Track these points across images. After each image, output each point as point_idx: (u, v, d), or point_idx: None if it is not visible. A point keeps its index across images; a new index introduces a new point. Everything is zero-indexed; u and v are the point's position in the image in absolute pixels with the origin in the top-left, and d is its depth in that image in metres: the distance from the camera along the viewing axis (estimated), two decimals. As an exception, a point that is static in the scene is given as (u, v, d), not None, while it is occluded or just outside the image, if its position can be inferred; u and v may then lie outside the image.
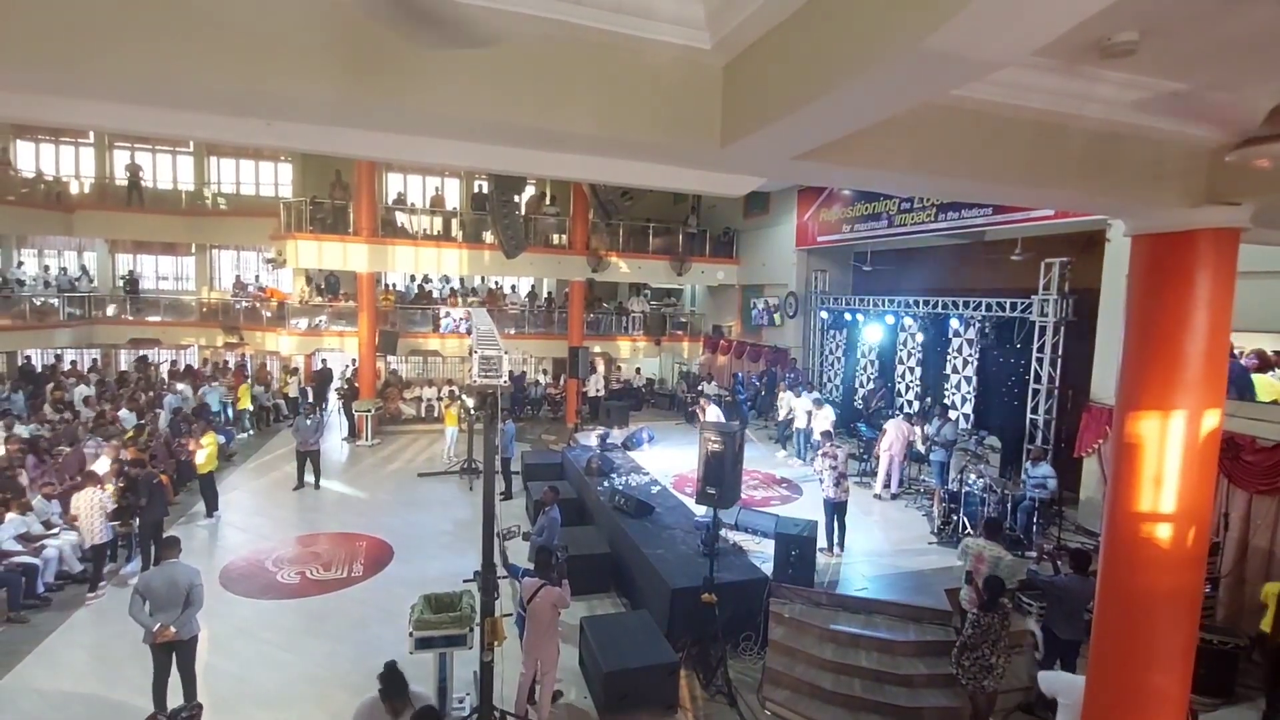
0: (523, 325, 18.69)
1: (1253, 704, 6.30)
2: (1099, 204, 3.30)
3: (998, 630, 5.54)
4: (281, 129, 2.21)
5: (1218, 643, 6.18)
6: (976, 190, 3.17)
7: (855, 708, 5.99)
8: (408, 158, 2.57)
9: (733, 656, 6.69)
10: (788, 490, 10.83)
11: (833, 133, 2.14)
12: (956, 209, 11.56)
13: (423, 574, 8.39)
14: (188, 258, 19.90)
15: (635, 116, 2.23)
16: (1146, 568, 3.37)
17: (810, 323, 16.29)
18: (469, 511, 10.98)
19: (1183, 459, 3.28)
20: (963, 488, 8.85)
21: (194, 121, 2.07)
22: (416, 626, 5.54)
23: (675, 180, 2.71)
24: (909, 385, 13.29)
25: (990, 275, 12.38)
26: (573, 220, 17.64)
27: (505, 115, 2.20)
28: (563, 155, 2.59)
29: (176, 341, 18.68)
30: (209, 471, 10.34)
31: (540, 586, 5.66)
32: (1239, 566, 7.17)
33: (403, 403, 17.60)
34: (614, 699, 5.77)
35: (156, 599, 5.48)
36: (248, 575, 8.56)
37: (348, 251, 15.63)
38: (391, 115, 2.14)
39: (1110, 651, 3.54)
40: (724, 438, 6.64)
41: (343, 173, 17.04)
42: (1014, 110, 2.71)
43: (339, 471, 13.42)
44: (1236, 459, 6.93)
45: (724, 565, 7.16)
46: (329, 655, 6.79)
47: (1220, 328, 3.29)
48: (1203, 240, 3.22)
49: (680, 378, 20.96)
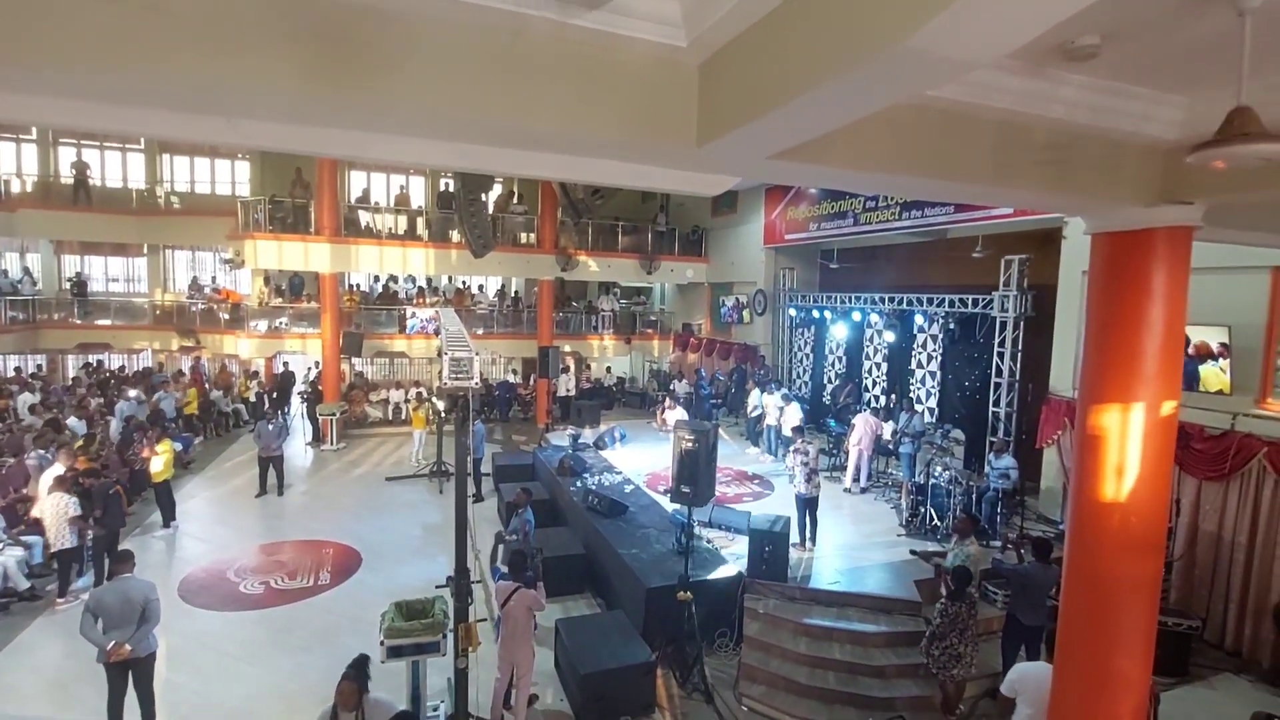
0: (491, 325, 18.49)
1: (1206, 682, 6.58)
2: (1061, 202, 3.39)
3: (965, 619, 5.68)
4: (244, 127, 2.13)
5: (1172, 624, 6.42)
6: (945, 189, 3.22)
7: (830, 700, 6.07)
8: (378, 157, 2.51)
9: (709, 654, 6.72)
10: (759, 486, 10.92)
11: (809, 132, 2.15)
12: (919, 208, 11.79)
13: (392, 581, 8.23)
14: (139, 259, 19.15)
15: (610, 115, 2.20)
16: (1110, 554, 3.49)
17: (779, 320, 16.45)
18: (439, 515, 10.81)
19: (1142, 448, 3.39)
20: (929, 480, 9.03)
21: (152, 119, 1.97)
22: (388, 635, 5.42)
23: (650, 180, 2.69)
24: (875, 381, 13.53)
25: (952, 272, 12.67)
26: (541, 219, 17.50)
27: (477, 113, 2.15)
28: (536, 154, 2.55)
29: (128, 346, 17.98)
30: (165, 480, 9.98)
31: (515, 589, 5.60)
32: (1190, 551, 7.47)
33: (368, 405, 17.26)
34: (591, 701, 5.74)
35: (109, 616, 5.26)
36: (208, 587, 8.28)
37: (309, 251, 15.24)
38: (360, 113, 2.07)
39: (1077, 636, 3.65)
40: (697, 436, 6.66)
41: (304, 170, 16.60)
42: (981, 110, 2.76)
43: (303, 477, 13.09)
44: (1187, 447, 7.21)
45: (698, 563, 7.18)
46: (296, 667, 6.60)
47: (1176, 322, 3.41)
48: (1158, 238, 3.34)
49: (651, 376, 20.98)
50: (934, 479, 9.01)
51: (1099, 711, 3.56)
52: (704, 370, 18.05)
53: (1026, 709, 4.29)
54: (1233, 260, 6.52)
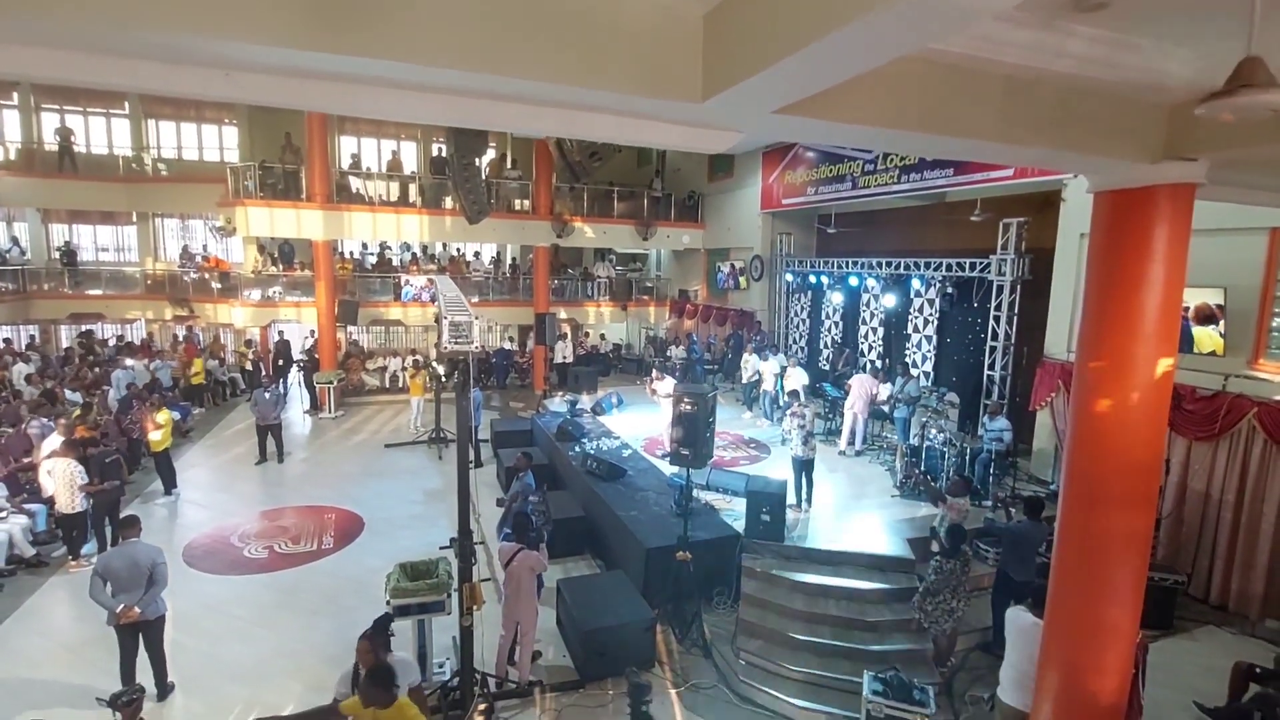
0: (487, 293, 18.39)
1: (1189, 635, 6.79)
2: (1067, 159, 3.37)
3: (959, 576, 5.81)
4: (240, 80, 2.08)
5: (1159, 579, 6.59)
6: (951, 147, 3.20)
7: (825, 654, 6.23)
8: (375, 111, 2.46)
9: (707, 611, 6.88)
10: (756, 450, 11.02)
11: (815, 85, 2.12)
12: (918, 170, 11.67)
13: (395, 544, 8.35)
14: (129, 227, 18.87)
15: (615, 68, 2.16)
16: (1103, 509, 3.56)
17: (775, 285, 16.40)
18: (439, 481, 10.91)
19: (1139, 405, 3.44)
20: (924, 443, 9.14)
21: (146, 72, 1.93)
22: (393, 595, 5.53)
23: (654, 135, 2.66)
24: (871, 345, 13.57)
25: (950, 236, 12.60)
26: (536, 184, 17.28)
27: (478, 65, 2.11)
28: (537, 108, 2.51)
29: (121, 315, 17.83)
30: (164, 449, 10.01)
31: (518, 550, 5.69)
32: (1178, 509, 7.62)
33: (365, 374, 17.26)
34: (593, 656, 5.88)
35: (118, 580, 5.35)
36: (213, 552, 8.39)
37: (301, 218, 15.04)
38: (359, 66, 2.03)
39: (1069, 589, 3.75)
40: (696, 399, 6.70)
41: (293, 135, 16.29)
42: (988, 64, 2.72)
43: (303, 445, 13.16)
44: (1178, 408, 7.29)
45: (697, 524, 7.29)
46: (304, 628, 6.74)
47: (1175, 281, 3.42)
48: (1161, 196, 3.33)
49: (647, 342, 20.98)
50: (929, 441, 9.11)
51: (1087, 660, 3.67)
52: (696, 336, 18.06)
53: (1013, 654, 4.41)
54: (1230, 222, 6.51)
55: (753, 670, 6.13)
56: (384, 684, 3.70)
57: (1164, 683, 5.58)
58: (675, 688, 5.96)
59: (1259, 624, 6.85)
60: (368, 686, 3.69)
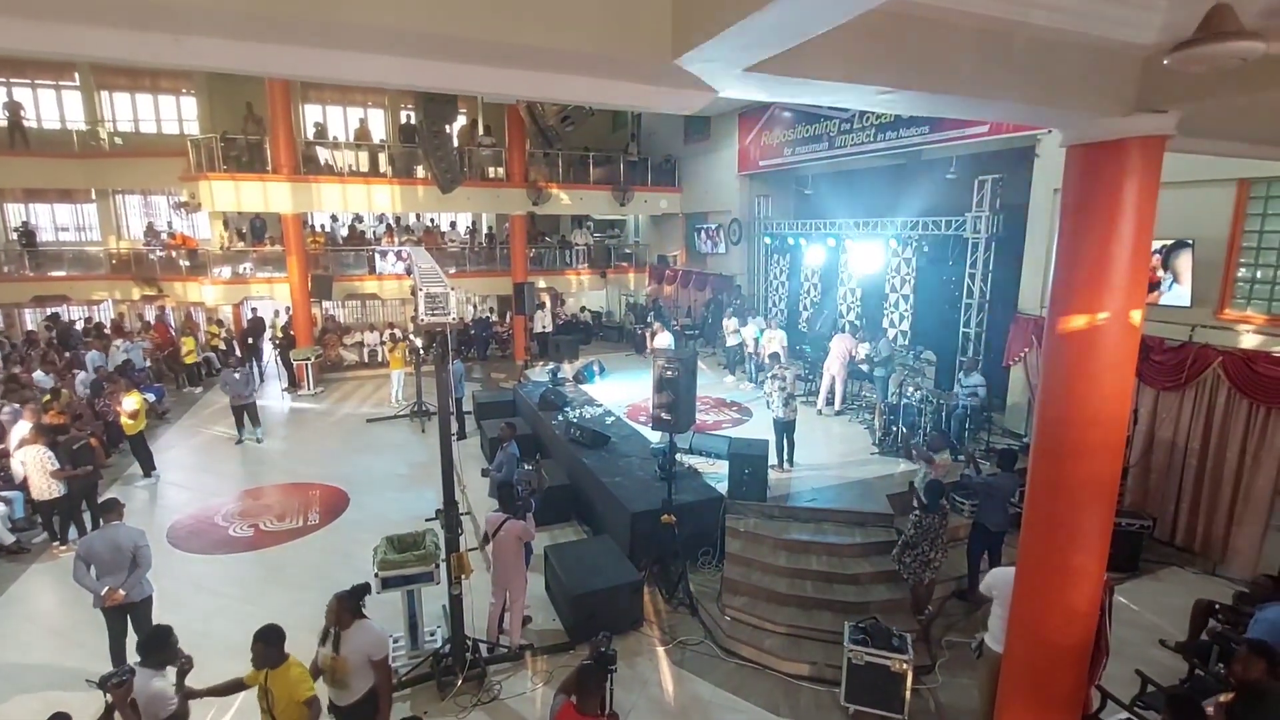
0: (464, 263, 18.13)
1: (1154, 575, 7.08)
2: (1040, 113, 3.36)
3: (937, 529, 5.99)
4: (192, 45, 1.99)
5: (1126, 524, 6.84)
6: (926, 102, 3.18)
7: (808, 606, 6.42)
8: (336, 75, 2.38)
9: (693, 571, 7.02)
10: (738, 413, 11.14)
11: (787, 40, 2.08)
12: (894, 128, 11.62)
13: (382, 517, 8.37)
14: (88, 204, 18.21)
15: (581, 24, 2.11)
16: (1071, 460, 3.66)
17: (754, 249, 16.37)
18: (423, 454, 10.90)
19: (1105, 359, 3.52)
20: (901, 400, 9.29)
21: (90, 38, 1.83)
22: (381, 567, 5.57)
23: (625, 96, 2.60)
24: (850, 306, 13.66)
25: (926, 195, 12.61)
26: (509, 151, 16.92)
27: (442, 26, 2.04)
28: (504, 70, 2.44)
29: (87, 297, 17.31)
30: (139, 431, 9.86)
31: (504, 520, 5.74)
32: (1145, 457, 7.87)
33: (343, 349, 17.05)
34: (582, 619, 6.00)
35: (101, 563, 5.32)
36: (197, 532, 8.35)
37: (268, 191, 14.62)
38: (317, 26, 1.96)
39: (1039, 535, 3.88)
40: (677, 364, 6.72)
41: (254, 105, 15.72)
42: (962, 17, 2.70)
43: (283, 422, 13.04)
44: (1147, 359, 7.48)
45: (681, 487, 7.39)
46: (294, 603, 6.75)
47: (1144, 233, 3.47)
48: (1132, 148, 3.35)
49: (628, 309, 20.93)
50: (906, 399, 9.27)
51: (1057, 602, 3.82)
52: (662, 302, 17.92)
53: (1000, 608, 4.57)
54: (1199, 174, 6.59)
55: (738, 625, 6.30)
56: (271, 642, 3.77)
57: (1130, 621, 5.85)
58: (663, 645, 6.11)
59: (1220, 563, 7.16)
60: (256, 645, 3.77)
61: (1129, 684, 4.92)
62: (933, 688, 5.55)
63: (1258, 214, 7.21)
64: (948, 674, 5.69)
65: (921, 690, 5.47)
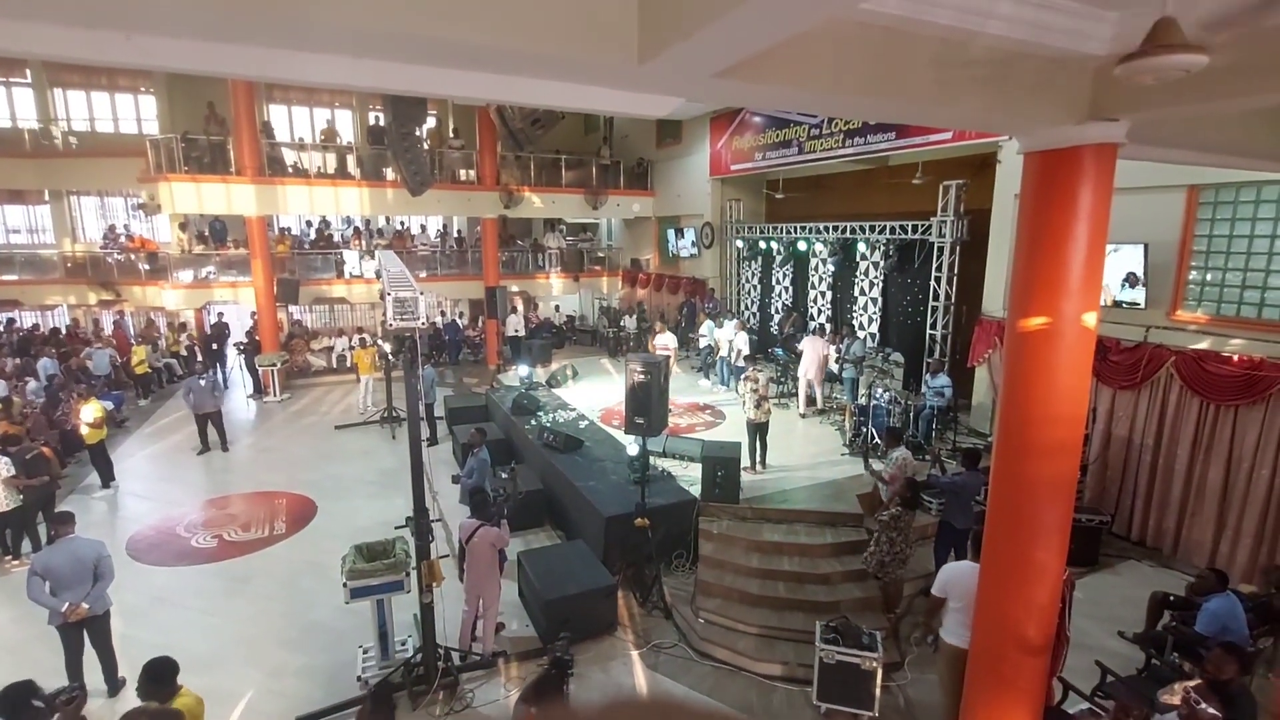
0: (435, 267, 17.94)
1: (1113, 569, 7.29)
2: (997, 120, 3.45)
3: (907, 523, 6.09)
4: (143, 44, 1.94)
5: (1085, 520, 7.04)
6: (887, 108, 3.24)
7: (780, 607, 6.47)
8: (298, 77, 2.34)
9: (667, 574, 7.03)
10: (711, 416, 11.19)
11: (754, 45, 2.11)
12: (862, 134, 11.82)
13: (351, 525, 8.23)
14: (41, 206, 17.61)
15: (546, 27, 2.10)
16: (1032, 458, 3.76)
17: (726, 252, 16.49)
18: (393, 460, 10.74)
19: (1065, 356, 3.62)
20: (871, 402, 9.44)
21: (33, 35, 1.77)
22: (350, 576, 5.48)
23: (594, 101, 2.61)
24: (820, 309, 13.84)
25: (894, 200, 12.87)
26: (480, 153, 16.80)
27: (402, 25, 2.01)
28: (469, 73, 2.43)
29: (40, 302, 16.73)
30: (99, 441, 9.54)
31: (478, 526, 5.68)
32: (1103, 454, 8.11)
33: (311, 354, 16.73)
34: (556, 625, 5.95)
35: (59, 578, 5.14)
36: (158, 544, 8.11)
37: (231, 193, 14.29)
38: (275, 27, 1.92)
39: (1002, 532, 3.97)
40: (649, 368, 6.74)
41: (216, 104, 15.37)
42: (922, 27, 2.75)
43: (248, 430, 12.74)
44: (1104, 359, 7.72)
45: (654, 491, 7.40)
46: (259, 614, 6.62)
47: (1098, 237, 3.58)
48: (1086, 156, 3.46)
49: (601, 313, 20.90)
50: (875, 400, 9.41)
51: (1020, 596, 3.91)
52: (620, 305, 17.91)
53: (955, 603, 4.65)
54: (1151, 180, 6.83)
55: (711, 628, 6.32)
56: (155, 679, 3.58)
57: (1090, 614, 6.01)
58: (638, 649, 6.11)
59: (1174, 556, 7.41)
60: (140, 678, 3.58)
61: (1089, 675, 5.05)
62: (902, 684, 5.64)
63: (1206, 219, 7.49)
64: (917, 670, 5.78)
65: (892, 687, 5.56)
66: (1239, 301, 7.29)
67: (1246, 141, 4.05)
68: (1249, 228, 7.16)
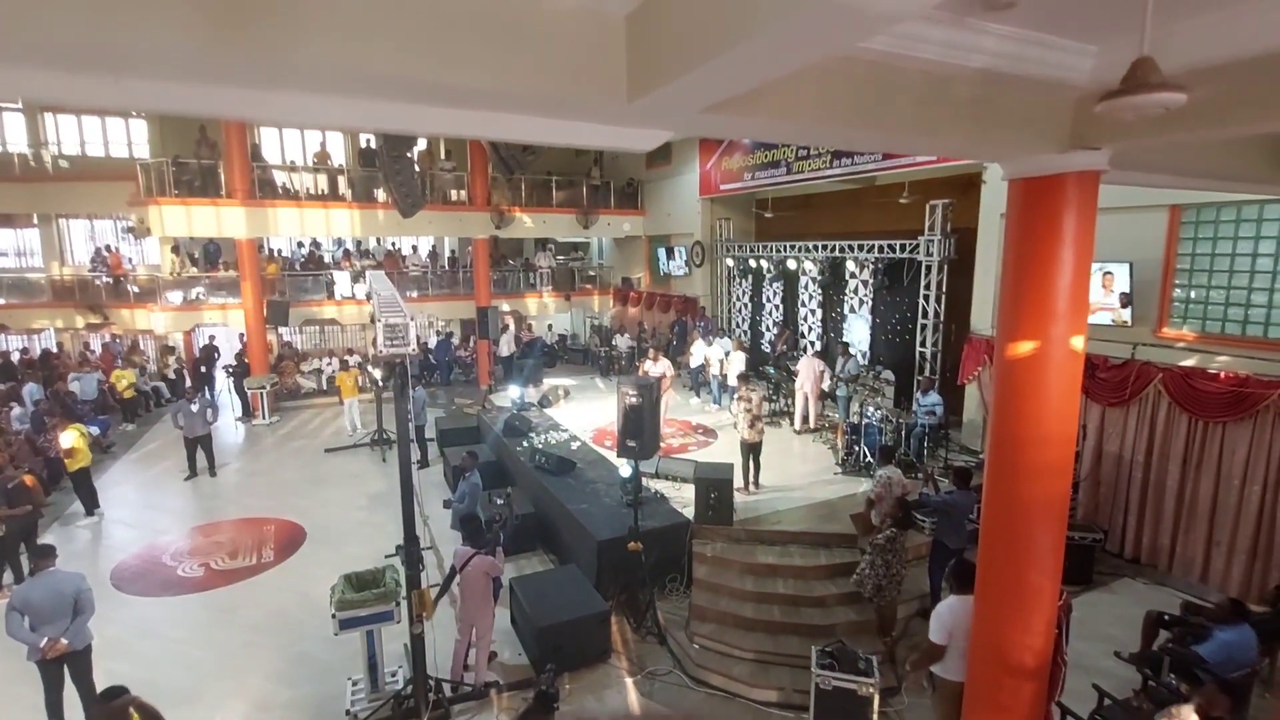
0: (426, 287, 17.94)
1: (1107, 588, 7.28)
2: (980, 150, 3.50)
3: (901, 544, 6.07)
4: (131, 87, 1.94)
5: (1079, 538, 7.04)
6: (873, 139, 3.28)
7: (775, 631, 6.41)
8: (284, 118, 2.35)
9: (660, 598, 6.96)
10: (704, 436, 11.17)
11: (742, 85, 2.14)
12: (849, 155, 11.96)
13: (340, 553, 8.11)
14: (30, 230, 17.52)
15: (535, 69, 2.12)
16: (1024, 478, 3.77)
17: (717, 270, 16.58)
18: (384, 484, 10.64)
19: (1053, 379, 3.65)
20: (863, 420, 9.45)
21: (21, 79, 1.77)
22: (339, 607, 5.39)
23: (583, 137, 2.63)
24: (811, 327, 13.90)
25: (882, 219, 13.00)
26: (472, 175, 16.89)
27: (392, 68, 2.03)
28: (459, 111, 2.44)
29: (26, 325, 16.58)
30: (83, 467, 9.38)
31: (472, 555, 5.62)
32: (1094, 470, 8.14)
33: (300, 376, 16.60)
34: (549, 652, 5.86)
35: (38, 613, 5.03)
36: (143, 573, 7.97)
37: (222, 216, 14.27)
38: (264, 69, 1.93)
39: (996, 556, 3.96)
40: (640, 391, 6.72)
41: (207, 129, 15.39)
42: (906, 61, 2.80)
43: (236, 454, 12.60)
44: (1093, 376, 7.77)
45: (648, 513, 7.35)
46: (246, 646, 6.49)
47: (1083, 261, 3.63)
48: (1069, 183, 3.51)
49: (592, 332, 20.91)
50: (867, 418, 9.43)
51: (1015, 622, 3.89)
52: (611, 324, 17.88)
53: (958, 643, 4.41)
54: (1135, 200, 6.93)
55: (706, 654, 6.25)
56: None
57: (1085, 635, 5.98)
58: (631, 676, 6.03)
59: (1168, 573, 7.41)
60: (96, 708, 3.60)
61: (1087, 698, 5.02)
62: (899, 709, 5.58)
63: (1189, 237, 7.61)
64: (914, 695, 5.72)
65: (889, 712, 5.50)
66: (1223, 319, 7.38)
67: (1226, 167, 4.14)
68: (1230, 246, 7.28)
